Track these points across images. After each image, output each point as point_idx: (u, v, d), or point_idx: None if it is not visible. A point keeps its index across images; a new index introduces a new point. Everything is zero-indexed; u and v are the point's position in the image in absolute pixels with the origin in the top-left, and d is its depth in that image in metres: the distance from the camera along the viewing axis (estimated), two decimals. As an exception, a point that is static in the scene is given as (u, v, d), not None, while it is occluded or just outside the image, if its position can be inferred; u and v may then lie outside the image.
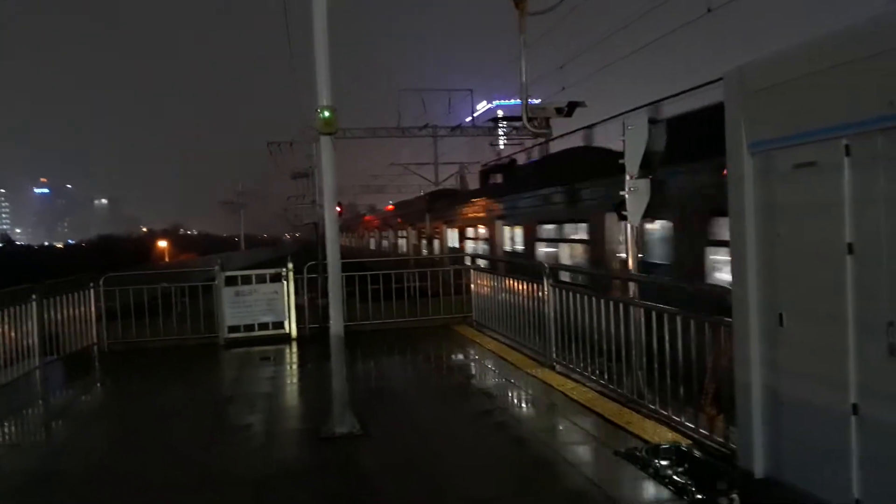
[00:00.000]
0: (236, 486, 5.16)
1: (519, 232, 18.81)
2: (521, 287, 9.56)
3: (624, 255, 8.70)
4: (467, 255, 19.42)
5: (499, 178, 24.88)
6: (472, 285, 11.95)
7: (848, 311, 3.80)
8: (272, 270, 11.91)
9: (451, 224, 26.61)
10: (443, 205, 28.45)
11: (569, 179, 14.81)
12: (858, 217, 3.75)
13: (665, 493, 4.72)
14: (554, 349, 8.35)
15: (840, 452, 3.89)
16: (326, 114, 6.18)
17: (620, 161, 7.38)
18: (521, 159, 27.09)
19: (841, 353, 3.86)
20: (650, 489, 4.81)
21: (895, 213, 3.51)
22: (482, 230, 22.40)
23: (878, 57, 3.56)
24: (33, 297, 9.52)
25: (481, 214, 22.46)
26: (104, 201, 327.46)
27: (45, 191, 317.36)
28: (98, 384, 9.49)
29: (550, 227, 16.46)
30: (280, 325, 11.56)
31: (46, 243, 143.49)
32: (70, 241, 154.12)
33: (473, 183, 36.02)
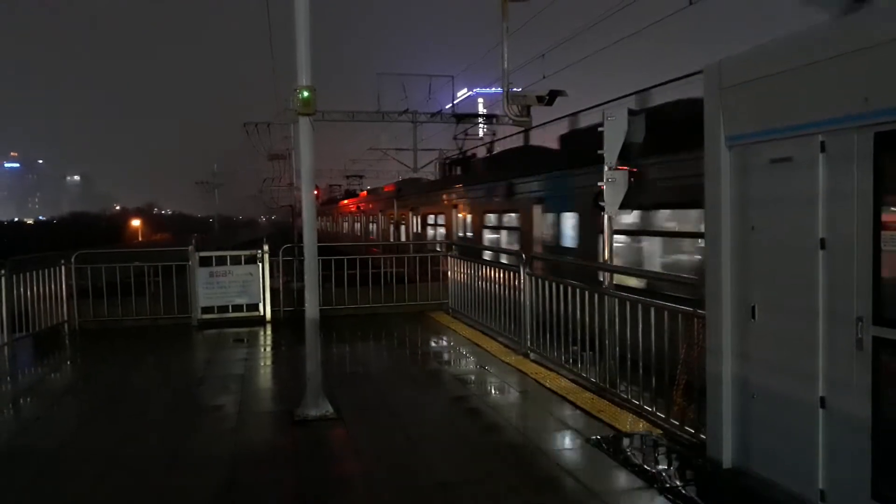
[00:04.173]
0: (208, 467, 5.12)
1: None
2: (497, 275, 9.58)
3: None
4: (445, 242, 19.51)
5: None
6: (449, 272, 11.95)
7: (819, 306, 3.87)
8: (247, 252, 11.81)
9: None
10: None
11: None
12: (832, 213, 3.80)
13: (635, 481, 4.77)
14: (529, 337, 8.39)
15: (807, 444, 3.97)
16: (305, 94, 6.11)
17: None
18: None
19: (810, 346, 3.92)
20: (621, 477, 4.87)
21: (868, 210, 3.56)
22: None
23: (855, 54, 3.60)
24: (2, 272, 9.36)
25: None
26: (76, 178, 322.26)
27: (16, 165, 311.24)
28: (68, 362, 9.36)
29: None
30: (254, 307, 11.48)
31: (16, 219, 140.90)
32: (41, 218, 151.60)
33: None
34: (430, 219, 23.66)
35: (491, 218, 17.70)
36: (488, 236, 17.90)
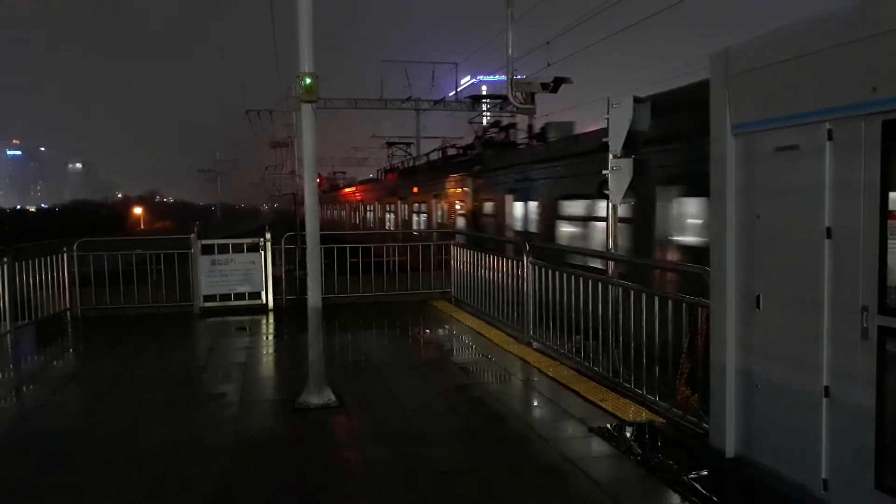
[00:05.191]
0: (210, 455, 5.13)
1: None
2: (499, 264, 9.56)
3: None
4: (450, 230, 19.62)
5: None
6: (452, 261, 11.94)
7: (824, 295, 3.84)
8: (249, 240, 11.80)
9: None
10: None
11: None
12: (838, 201, 3.77)
13: (638, 470, 4.77)
14: (531, 326, 8.38)
15: (810, 434, 3.96)
16: (308, 81, 6.07)
17: None
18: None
19: (815, 336, 3.90)
20: (623, 466, 4.86)
21: (875, 199, 3.53)
22: None
23: (862, 42, 3.56)
24: (4, 260, 9.35)
25: None
26: (79, 165, 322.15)
27: (18, 153, 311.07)
28: (71, 350, 9.37)
29: None
30: (257, 295, 11.49)
31: (19, 207, 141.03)
32: (43, 206, 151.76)
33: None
34: (368, 208, 38.25)
35: (387, 206, 31.24)
36: (386, 216, 31.10)
